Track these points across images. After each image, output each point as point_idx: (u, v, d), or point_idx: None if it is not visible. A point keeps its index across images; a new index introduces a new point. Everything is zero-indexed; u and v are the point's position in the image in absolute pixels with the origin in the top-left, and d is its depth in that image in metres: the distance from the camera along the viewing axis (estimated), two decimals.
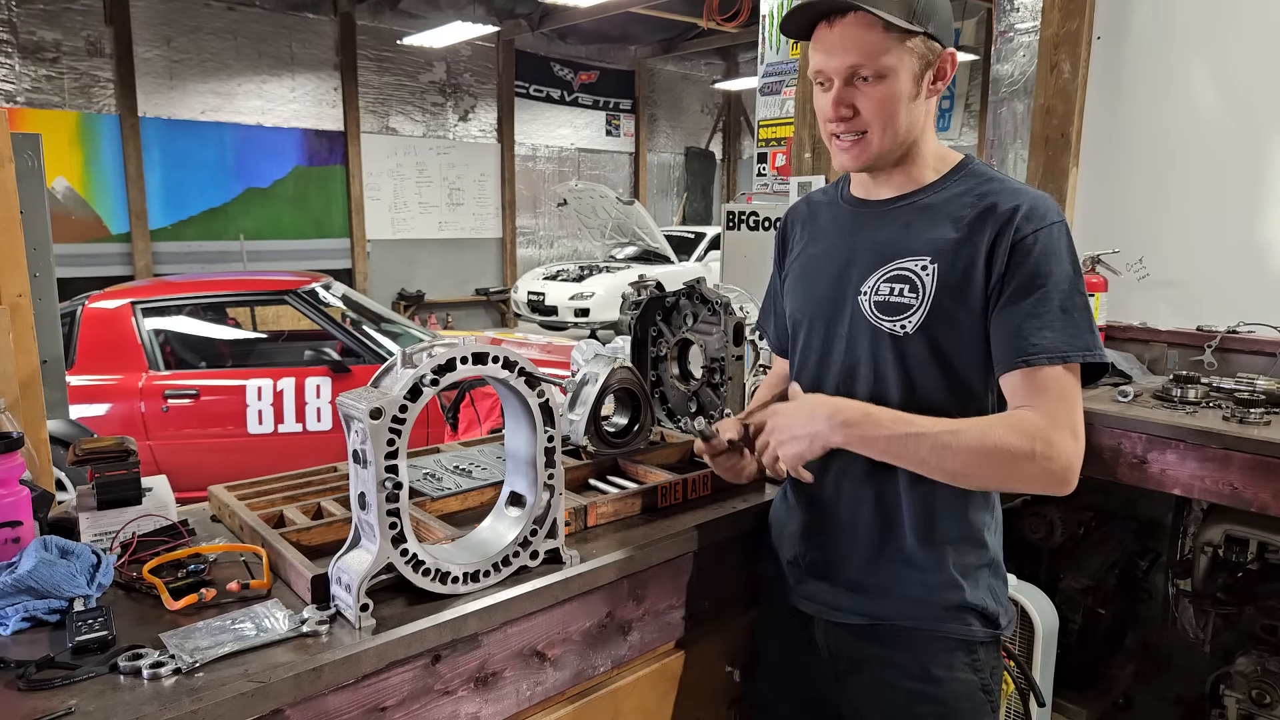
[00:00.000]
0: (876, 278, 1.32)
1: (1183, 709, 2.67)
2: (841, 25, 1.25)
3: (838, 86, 1.28)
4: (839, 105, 1.28)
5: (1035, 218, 1.24)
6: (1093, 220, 2.91)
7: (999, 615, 1.36)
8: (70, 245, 9.29)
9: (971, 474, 1.22)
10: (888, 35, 1.23)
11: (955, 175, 1.34)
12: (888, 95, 1.26)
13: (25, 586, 1.11)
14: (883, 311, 1.31)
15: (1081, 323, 1.22)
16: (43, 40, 9.22)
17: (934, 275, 1.27)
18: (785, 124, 4.48)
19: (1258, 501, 1.97)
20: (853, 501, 1.37)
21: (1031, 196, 1.27)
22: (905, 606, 1.34)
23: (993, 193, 1.28)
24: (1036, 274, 1.22)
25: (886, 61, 1.24)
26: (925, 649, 1.34)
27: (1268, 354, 2.50)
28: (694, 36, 13.30)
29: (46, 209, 2.20)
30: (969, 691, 1.34)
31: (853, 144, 1.31)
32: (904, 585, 1.34)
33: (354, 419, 1.12)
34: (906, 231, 1.33)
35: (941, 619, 1.33)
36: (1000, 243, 1.24)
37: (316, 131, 11.23)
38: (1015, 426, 1.19)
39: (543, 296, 10.94)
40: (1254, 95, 2.59)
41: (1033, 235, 1.23)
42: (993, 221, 1.25)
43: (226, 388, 4.60)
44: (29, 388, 1.75)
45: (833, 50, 1.26)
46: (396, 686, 1.13)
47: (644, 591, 1.44)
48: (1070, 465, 1.19)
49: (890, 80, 1.26)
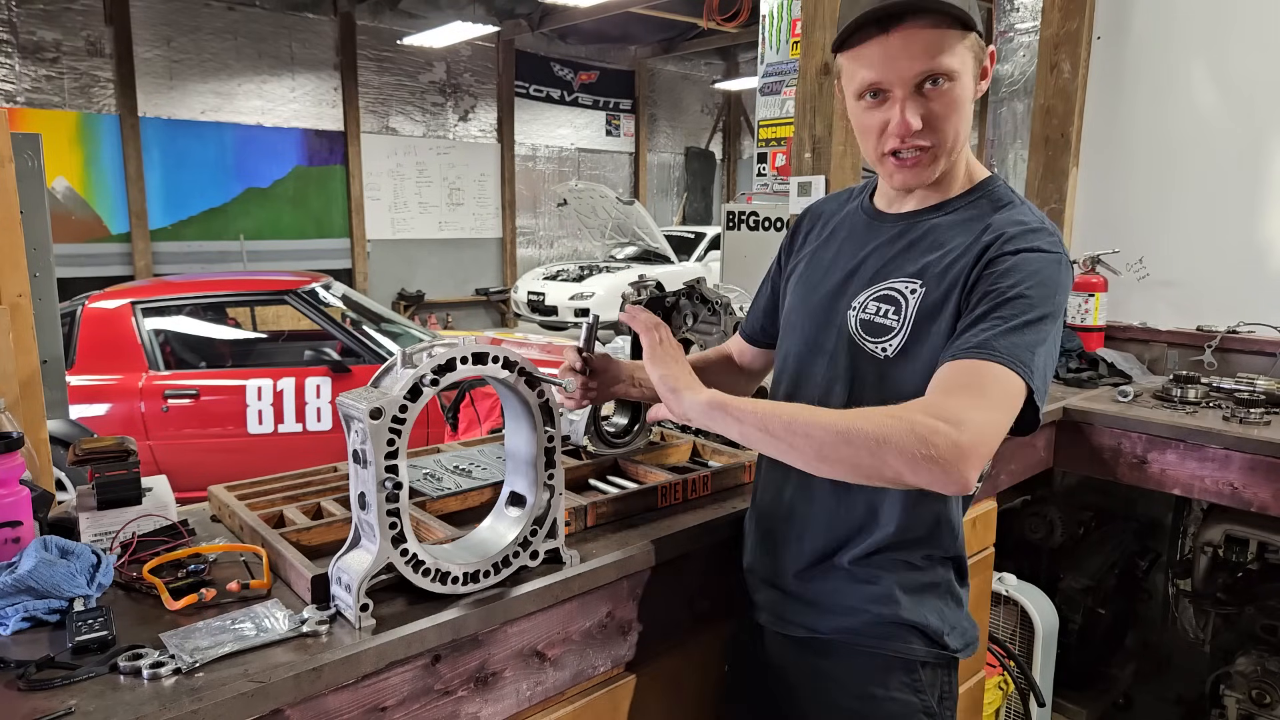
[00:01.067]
0: (868, 294, 1.27)
1: (1183, 709, 2.67)
2: (903, 30, 1.13)
3: (905, 98, 1.16)
4: (909, 122, 1.16)
5: (1021, 239, 1.16)
6: (1093, 220, 2.91)
7: (943, 634, 1.29)
8: (70, 245, 9.30)
9: (828, 455, 1.05)
10: (950, 33, 1.13)
11: (973, 195, 1.27)
12: (958, 100, 1.17)
13: (25, 586, 1.11)
14: (866, 331, 1.26)
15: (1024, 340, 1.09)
16: (43, 40, 9.23)
17: (918, 299, 1.21)
18: (785, 124, 4.48)
19: (1257, 501, 1.97)
20: (799, 511, 1.35)
21: (1032, 226, 1.18)
22: (840, 620, 1.31)
23: (999, 220, 1.21)
24: (1000, 289, 1.12)
25: (954, 62, 1.14)
26: (862, 665, 1.30)
27: (1268, 354, 2.51)
28: (694, 36, 13.31)
29: (46, 209, 2.20)
30: (907, 713, 1.29)
31: (916, 159, 1.21)
32: (838, 597, 1.31)
33: (354, 419, 1.12)
34: (908, 250, 1.27)
35: (878, 635, 1.29)
36: (979, 263, 1.17)
37: (316, 131, 11.24)
38: (896, 409, 1.05)
39: (543, 296, 10.95)
40: (1254, 95, 2.59)
41: (1011, 253, 1.15)
42: (982, 240, 1.19)
43: (226, 388, 4.60)
44: (29, 388, 1.75)
45: (895, 58, 1.14)
46: (396, 686, 1.13)
47: (644, 592, 1.44)
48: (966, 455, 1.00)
49: (958, 83, 1.16)
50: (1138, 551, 2.83)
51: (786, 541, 1.38)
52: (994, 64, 1.23)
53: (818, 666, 1.34)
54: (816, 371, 1.33)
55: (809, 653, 1.35)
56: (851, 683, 1.31)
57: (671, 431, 1.94)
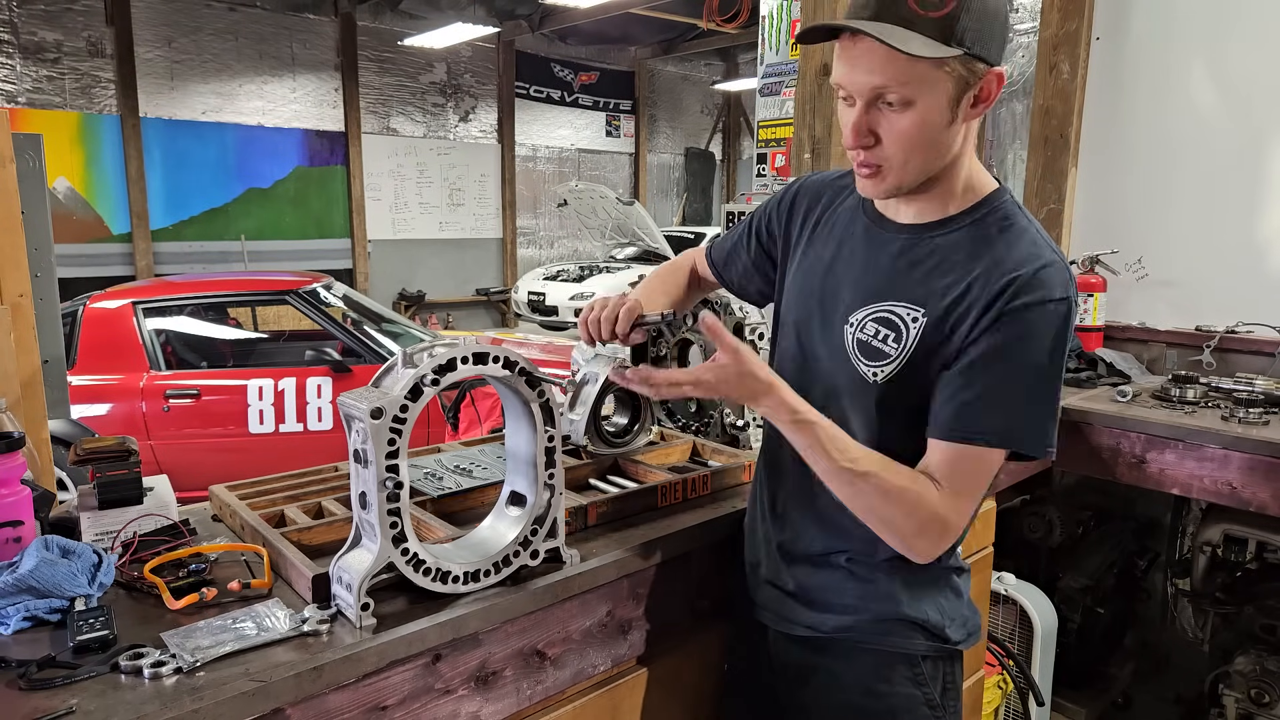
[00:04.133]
0: (867, 312, 1.25)
1: (1182, 708, 2.67)
2: (867, 42, 1.08)
3: (859, 109, 1.13)
4: (858, 133, 1.14)
5: (1035, 289, 1.13)
6: (1092, 220, 2.92)
7: (944, 627, 1.31)
8: (71, 245, 9.30)
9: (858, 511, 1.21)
10: (917, 61, 1.07)
11: (977, 212, 1.22)
12: (913, 125, 1.11)
13: (26, 586, 1.11)
14: (862, 352, 1.24)
15: (1039, 414, 1.16)
16: (44, 41, 9.23)
17: (919, 330, 1.19)
18: (785, 124, 4.49)
19: (1256, 501, 1.97)
20: (798, 512, 1.36)
21: (1043, 263, 1.15)
22: (844, 618, 1.32)
23: (1006, 245, 1.17)
24: (1010, 350, 1.13)
25: (914, 88, 1.09)
26: (865, 662, 1.32)
27: (1266, 354, 2.51)
28: (694, 37, 13.30)
29: (48, 209, 2.20)
30: (911, 706, 1.31)
31: (870, 174, 1.19)
32: (839, 595, 1.32)
33: (355, 419, 1.13)
34: (909, 271, 1.23)
35: (881, 632, 1.31)
36: (991, 308, 1.14)
37: (317, 132, 11.24)
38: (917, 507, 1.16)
39: (543, 296, 10.95)
40: (1254, 95, 2.59)
41: (1023, 307, 1.12)
42: (993, 283, 1.14)
43: (227, 388, 4.61)
44: (30, 387, 1.75)
45: (855, 66, 1.11)
46: (397, 686, 1.14)
47: (644, 591, 1.44)
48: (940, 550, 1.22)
49: (918, 108, 1.10)
50: (1137, 551, 2.84)
51: (786, 542, 1.38)
52: (1001, 87, 1.15)
53: (820, 664, 1.35)
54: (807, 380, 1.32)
55: (811, 651, 1.36)
56: (854, 679, 1.33)
57: (671, 431, 1.94)
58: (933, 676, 1.32)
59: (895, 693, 1.31)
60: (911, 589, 1.30)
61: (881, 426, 1.25)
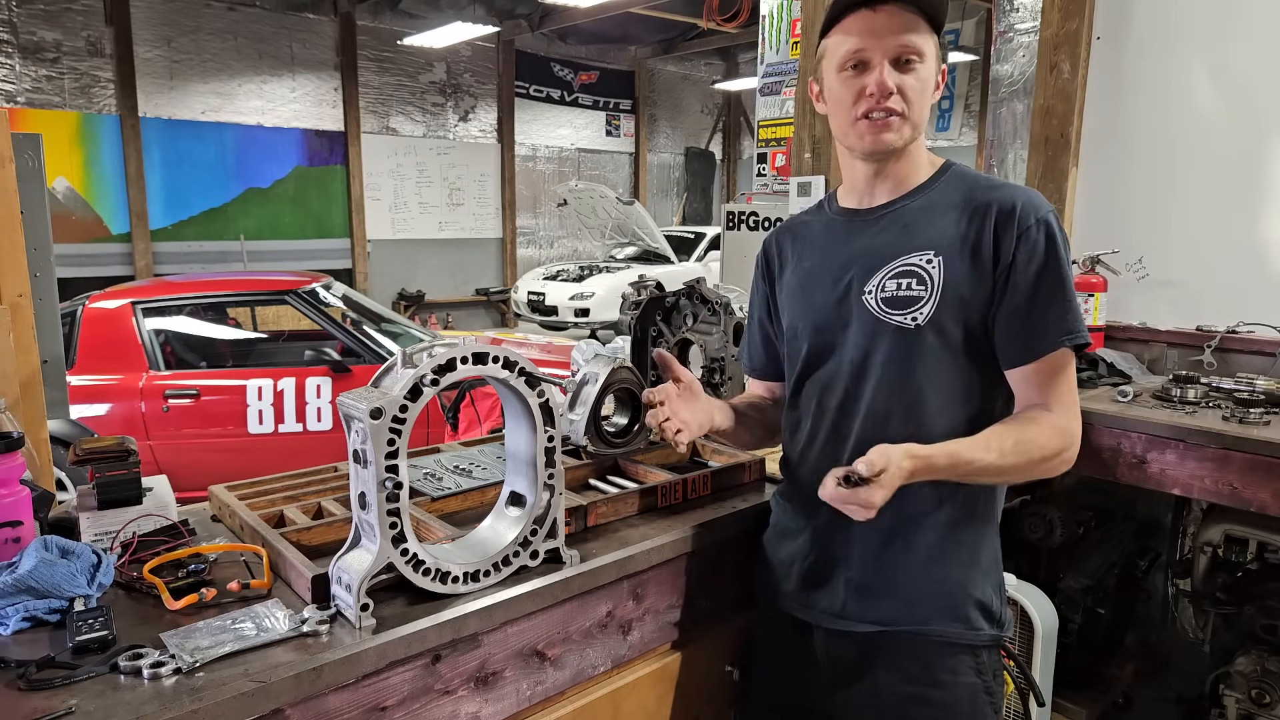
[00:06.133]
0: (882, 275, 1.34)
1: (1182, 709, 2.67)
2: (888, 8, 1.28)
3: (884, 66, 1.29)
4: (885, 88, 1.29)
5: (1034, 209, 1.30)
6: (1092, 220, 2.91)
7: (1001, 614, 1.38)
8: (71, 245, 9.30)
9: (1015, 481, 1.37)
10: (925, 25, 1.30)
11: (943, 176, 1.39)
12: (928, 79, 1.32)
13: (26, 586, 1.11)
14: (891, 306, 1.32)
15: (1076, 306, 1.31)
16: (43, 40, 9.23)
17: (940, 268, 1.30)
18: (785, 124, 4.48)
19: (1257, 501, 1.97)
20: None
21: (1024, 191, 1.33)
22: (914, 608, 1.33)
23: (985, 189, 1.34)
24: (1045, 265, 1.28)
25: (926, 47, 1.30)
26: (930, 653, 1.34)
27: (1267, 354, 2.50)
28: (694, 37, 13.31)
29: (47, 209, 2.20)
30: (972, 694, 1.35)
31: (886, 121, 1.32)
32: (914, 582, 1.33)
33: (354, 419, 1.12)
34: (907, 232, 1.35)
35: (949, 619, 1.33)
36: (1005, 235, 1.29)
37: (317, 132, 11.24)
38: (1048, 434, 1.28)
39: (543, 296, 10.95)
40: (1254, 95, 2.59)
41: (1035, 226, 1.28)
42: (995, 215, 1.30)
43: (227, 388, 4.60)
44: (29, 388, 1.75)
45: (879, 32, 1.29)
46: (397, 686, 1.13)
47: (644, 591, 1.44)
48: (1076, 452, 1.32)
49: (927, 66, 1.31)
50: (1137, 551, 2.83)
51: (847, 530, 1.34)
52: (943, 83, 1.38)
53: (881, 659, 1.36)
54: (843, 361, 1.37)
55: (871, 647, 1.36)
56: (918, 671, 1.35)
57: None
58: (989, 665, 1.37)
59: (959, 682, 1.34)
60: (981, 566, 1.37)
61: (926, 377, 1.31)
